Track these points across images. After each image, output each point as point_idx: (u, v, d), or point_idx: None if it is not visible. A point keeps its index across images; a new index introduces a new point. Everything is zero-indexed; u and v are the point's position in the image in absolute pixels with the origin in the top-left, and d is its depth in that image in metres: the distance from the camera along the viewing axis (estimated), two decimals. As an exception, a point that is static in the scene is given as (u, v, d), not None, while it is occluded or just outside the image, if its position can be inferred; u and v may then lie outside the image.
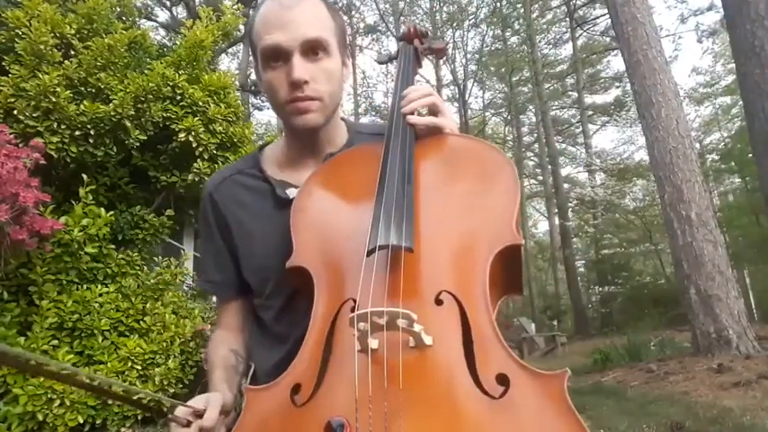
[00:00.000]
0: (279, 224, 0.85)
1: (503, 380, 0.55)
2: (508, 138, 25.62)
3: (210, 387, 0.85)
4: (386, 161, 0.78)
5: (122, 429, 3.73)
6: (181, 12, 14.87)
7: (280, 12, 0.84)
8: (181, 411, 0.71)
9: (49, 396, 3.43)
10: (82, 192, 3.91)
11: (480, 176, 0.78)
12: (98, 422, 3.66)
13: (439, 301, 0.64)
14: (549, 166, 21.31)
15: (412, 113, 0.86)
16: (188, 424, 0.70)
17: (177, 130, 4.61)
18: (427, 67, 1.08)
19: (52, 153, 4.01)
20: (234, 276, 0.98)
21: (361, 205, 0.76)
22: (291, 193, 0.91)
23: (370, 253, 0.67)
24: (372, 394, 0.55)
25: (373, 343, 0.59)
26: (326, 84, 0.87)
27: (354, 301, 0.64)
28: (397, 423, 0.53)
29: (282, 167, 0.97)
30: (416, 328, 0.58)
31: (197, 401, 0.74)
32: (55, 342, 3.69)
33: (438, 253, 0.70)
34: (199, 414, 0.72)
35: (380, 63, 1.14)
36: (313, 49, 0.84)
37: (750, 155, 9.22)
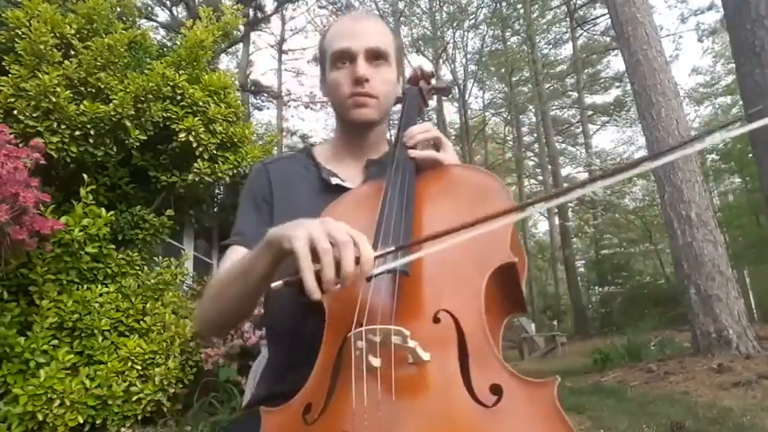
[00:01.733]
0: (318, 206, 0.90)
1: (496, 389, 0.59)
2: (508, 138, 25.61)
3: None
4: (386, 192, 0.85)
5: (122, 429, 3.73)
6: (181, 12, 14.82)
7: (350, 24, 1.02)
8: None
9: (48, 396, 3.43)
10: (82, 192, 3.91)
11: (476, 202, 0.83)
12: (98, 422, 3.66)
13: (437, 320, 0.68)
14: (549, 166, 21.26)
15: (414, 147, 0.93)
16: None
17: (177, 130, 4.61)
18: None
19: (52, 153, 4.01)
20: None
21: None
22: (334, 180, 1.01)
23: (369, 278, 0.71)
24: (369, 407, 0.59)
25: (376, 362, 0.63)
26: (383, 86, 0.99)
27: (360, 324, 0.68)
28: None
29: (329, 162, 1.06)
30: (411, 344, 0.62)
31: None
32: (55, 342, 3.69)
33: (436, 274, 0.75)
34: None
35: None
36: (375, 56, 0.98)
37: (750, 155, 9.21)
